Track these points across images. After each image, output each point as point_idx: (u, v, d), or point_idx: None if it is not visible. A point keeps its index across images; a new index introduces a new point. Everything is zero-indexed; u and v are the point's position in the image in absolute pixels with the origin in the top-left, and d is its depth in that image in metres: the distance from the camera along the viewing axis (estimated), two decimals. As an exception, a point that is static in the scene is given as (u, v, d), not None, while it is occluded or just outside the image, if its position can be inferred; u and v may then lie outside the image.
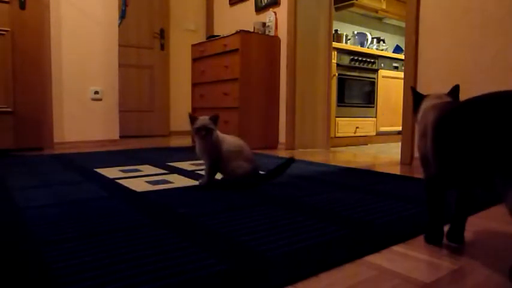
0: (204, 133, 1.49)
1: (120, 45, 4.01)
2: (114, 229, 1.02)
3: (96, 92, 3.38)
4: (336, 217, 1.15)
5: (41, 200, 1.34)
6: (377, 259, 0.86)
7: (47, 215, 1.15)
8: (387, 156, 2.91)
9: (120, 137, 4.01)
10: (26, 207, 1.23)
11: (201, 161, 2.37)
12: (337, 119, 3.75)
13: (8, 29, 2.73)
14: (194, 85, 3.77)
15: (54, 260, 0.81)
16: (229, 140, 1.58)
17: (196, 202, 1.32)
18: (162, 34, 4.44)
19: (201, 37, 4.53)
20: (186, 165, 2.21)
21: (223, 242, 0.93)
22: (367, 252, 0.89)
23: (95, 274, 0.74)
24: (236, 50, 3.15)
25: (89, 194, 1.43)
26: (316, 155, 2.85)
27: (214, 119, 1.53)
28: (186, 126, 4.71)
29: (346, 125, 3.84)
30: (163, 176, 1.84)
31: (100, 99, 3.41)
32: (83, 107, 3.32)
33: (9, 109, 2.77)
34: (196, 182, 1.68)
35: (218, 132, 1.58)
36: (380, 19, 5.26)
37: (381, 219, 1.14)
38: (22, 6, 2.78)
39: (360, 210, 1.24)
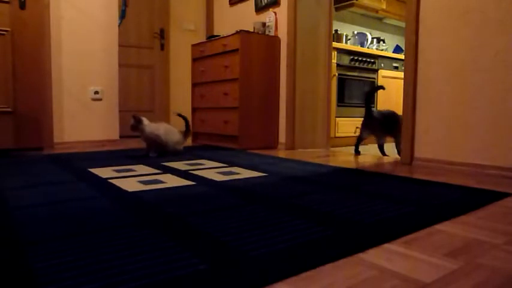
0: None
1: (120, 45, 4.02)
2: (100, 229, 1.02)
3: (96, 92, 3.39)
4: (323, 217, 1.14)
5: (32, 199, 1.34)
6: (377, 259, 0.85)
7: (35, 214, 1.16)
8: (387, 156, 2.89)
9: (120, 137, 4.02)
10: (15, 207, 1.24)
11: (195, 161, 2.38)
12: (337, 119, 3.74)
13: (8, 29, 2.75)
14: (194, 85, 3.77)
15: (36, 259, 0.81)
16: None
17: (185, 202, 1.32)
18: (162, 34, 4.45)
19: (201, 37, 4.54)
20: (180, 165, 2.21)
21: (207, 241, 0.93)
22: (352, 251, 0.88)
23: (75, 274, 0.75)
24: (236, 50, 3.15)
25: (79, 194, 1.43)
26: (316, 155, 2.84)
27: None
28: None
29: (346, 125, 3.82)
30: (156, 176, 1.84)
31: (100, 99, 3.42)
32: (83, 107, 3.34)
33: (9, 109, 2.78)
34: (189, 182, 1.68)
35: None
36: (380, 19, 5.24)
37: (368, 219, 1.13)
38: (22, 6, 2.80)
39: (352, 210, 1.23)
